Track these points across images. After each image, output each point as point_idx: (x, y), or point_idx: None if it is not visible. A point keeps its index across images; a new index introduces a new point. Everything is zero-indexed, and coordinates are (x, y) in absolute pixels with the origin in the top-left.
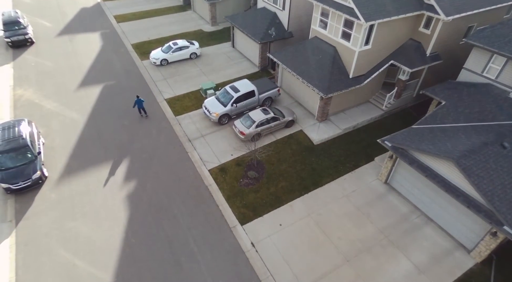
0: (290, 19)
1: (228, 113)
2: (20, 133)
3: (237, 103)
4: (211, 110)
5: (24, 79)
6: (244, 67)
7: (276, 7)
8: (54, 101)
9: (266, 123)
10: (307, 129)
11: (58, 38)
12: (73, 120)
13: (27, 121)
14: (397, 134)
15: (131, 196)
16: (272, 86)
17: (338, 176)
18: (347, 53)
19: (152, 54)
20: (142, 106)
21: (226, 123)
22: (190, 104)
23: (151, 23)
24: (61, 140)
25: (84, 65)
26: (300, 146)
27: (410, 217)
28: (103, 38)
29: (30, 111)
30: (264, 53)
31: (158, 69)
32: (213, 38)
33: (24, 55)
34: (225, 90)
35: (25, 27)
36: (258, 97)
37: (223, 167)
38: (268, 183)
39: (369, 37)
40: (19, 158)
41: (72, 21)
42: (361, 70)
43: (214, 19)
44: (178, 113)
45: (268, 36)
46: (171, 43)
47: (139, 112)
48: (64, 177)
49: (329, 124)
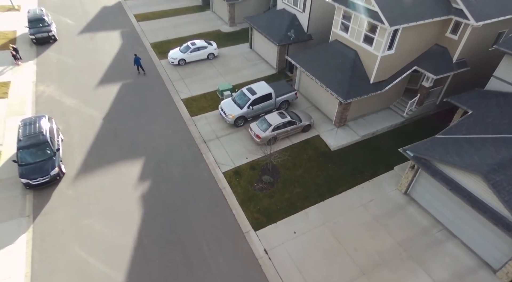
0: (310, 21)
1: (244, 116)
2: (41, 129)
3: (253, 105)
4: (227, 112)
5: (46, 76)
6: (262, 69)
7: (296, 8)
8: (74, 98)
9: (283, 127)
10: (324, 134)
11: (79, 35)
12: (91, 117)
13: (47, 118)
14: (419, 143)
15: (146, 196)
16: (290, 89)
17: (355, 184)
18: (369, 58)
19: (170, 54)
20: (139, 63)
21: (242, 125)
22: (206, 105)
23: (170, 23)
24: (79, 137)
25: (103, 63)
26: (317, 151)
27: (431, 231)
28: (123, 36)
29: (51, 107)
30: (282, 55)
31: (176, 69)
32: (231, 38)
33: (47, 52)
34: (242, 92)
35: (49, 25)
36: (275, 100)
37: (238, 170)
38: (283, 188)
39: (393, 42)
40: (38, 154)
41: (94, 19)
42: (383, 75)
43: (232, 19)
44: (194, 113)
45: (287, 38)
46: (189, 43)
47: (137, 70)
48: (81, 174)
49: (347, 130)
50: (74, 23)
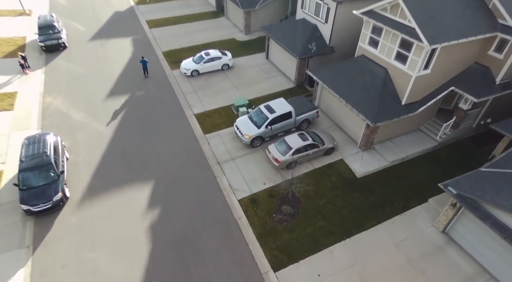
0: (333, 33)
1: (261, 136)
2: (45, 149)
3: (271, 125)
4: (244, 131)
5: (54, 86)
6: (279, 82)
7: (317, 19)
8: (82, 111)
9: (304, 150)
10: (348, 159)
11: (90, 42)
12: (99, 133)
13: (52, 136)
14: (462, 178)
15: (154, 226)
16: (311, 107)
17: (385, 219)
18: (401, 77)
19: (183, 64)
20: (145, 66)
21: (258, 145)
22: (220, 121)
23: (183, 30)
24: (85, 156)
25: (114, 73)
26: (341, 178)
27: (477, 280)
28: (134, 44)
29: (58, 122)
30: (301, 69)
31: (188, 80)
32: (246, 48)
33: (56, 60)
34: (259, 109)
35: (59, 32)
36: (294, 119)
37: (255, 198)
38: (305, 221)
39: (430, 61)
40: (41, 177)
41: (105, 25)
42: (416, 96)
43: (248, 27)
44: (207, 130)
45: (308, 51)
46: (203, 53)
47: (144, 73)
48: (86, 199)
49: (374, 154)
50: (85, 29)
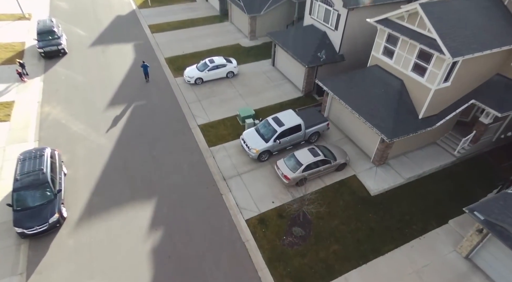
0: (343, 40)
1: (269, 150)
2: (41, 166)
3: (280, 138)
4: (251, 145)
5: (53, 95)
6: (286, 91)
7: (327, 26)
8: (82, 123)
9: (315, 166)
10: (361, 175)
11: (91, 48)
12: (99, 146)
13: (49, 151)
14: (489, 201)
15: (157, 250)
16: (321, 120)
17: (403, 242)
18: (419, 90)
19: (186, 72)
20: (146, 71)
21: (266, 159)
22: (225, 132)
23: (186, 35)
24: (84, 171)
25: (115, 80)
26: (354, 196)
27: None
28: (136, 50)
29: (56, 133)
30: (310, 78)
31: (192, 89)
32: (251, 54)
33: (55, 67)
34: (267, 122)
35: (59, 37)
36: (304, 132)
37: (263, 218)
38: (317, 244)
39: (450, 73)
40: (37, 197)
41: (107, 29)
42: (434, 109)
43: (253, 33)
44: (212, 143)
45: (317, 59)
46: (207, 60)
47: (145, 78)
48: (84, 219)
49: (388, 170)
50: (86, 34)
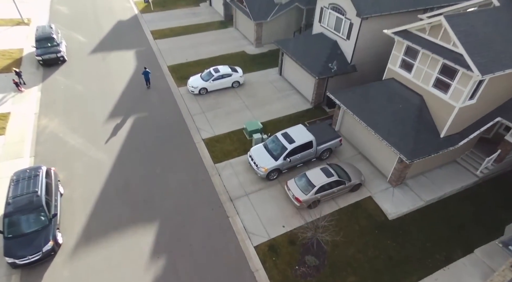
0: (355, 51)
1: (279, 168)
2: (35, 189)
3: (290, 156)
4: (259, 163)
5: (51, 106)
6: (294, 102)
7: (338, 35)
8: (80, 136)
9: (328, 187)
10: (378, 196)
11: (91, 56)
12: (98, 162)
13: (45, 170)
14: None
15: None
16: (333, 135)
17: (426, 274)
18: (441, 107)
19: (190, 81)
20: (148, 77)
21: (275, 178)
22: (231, 148)
23: (190, 41)
24: (82, 190)
25: (115, 90)
26: (371, 220)
27: None
28: (138, 57)
29: (53, 148)
30: (320, 89)
31: (196, 99)
32: (257, 62)
33: (54, 76)
34: (276, 138)
35: (58, 44)
36: (315, 149)
37: (273, 245)
38: (332, 275)
39: (477, 91)
40: (30, 223)
41: (108, 35)
42: (457, 127)
43: (259, 40)
44: (217, 159)
45: (328, 70)
46: (211, 70)
47: (146, 84)
48: (81, 245)
49: (406, 191)
50: (86, 41)
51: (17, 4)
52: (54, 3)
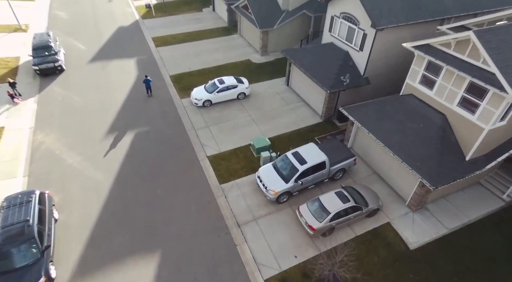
0: (369, 62)
1: (289, 191)
2: (27, 217)
3: (301, 178)
4: (269, 186)
5: (48, 119)
6: (303, 115)
7: (350, 45)
8: (78, 154)
9: (344, 214)
10: (397, 223)
11: (90, 64)
12: (96, 183)
13: (38, 195)
14: None
15: None
16: (347, 154)
17: None
18: (467, 128)
19: (193, 93)
20: (149, 85)
21: (285, 201)
22: (238, 166)
23: (193, 49)
24: (78, 215)
25: (115, 102)
26: (391, 250)
27: None
28: (139, 66)
29: (48, 167)
30: (331, 103)
31: (200, 112)
32: (263, 71)
33: (51, 86)
34: (287, 158)
35: (56, 53)
36: (328, 170)
37: (285, 278)
38: None
39: (508, 112)
40: (20, 256)
41: (108, 43)
42: (484, 150)
43: (265, 48)
44: (223, 179)
45: (340, 83)
46: (216, 81)
47: (146, 92)
48: (77, 280)
49: (428, 217)
50: (86, 48)
51: (15, 9)
52: (53, 8)
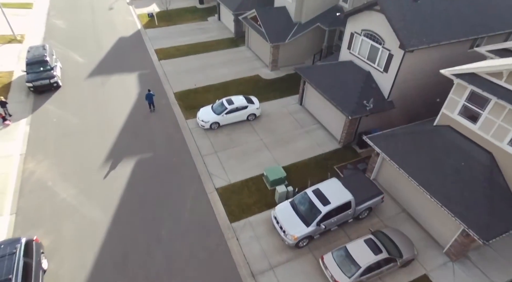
0: (394, 85)
1: (310, 235)
2: (9, 276)
3: (324, 221)
4: (288, 229)
5: (40, 144)
6: (319, 140)
7: (372, 65)
8: (73, 186)
9: (376, 267)
10: (435, 275)
11: (89, 80)
12: (92, 222)
13: (24, 244)
14: None
15: None
16: (374, 192)
17: None
18: None
19: (200, 114)
20: (152, 100)
21: (305, 245)
22: (250, 200)
23: (198, 63)
24: (71, 264)
25: (115, 123)
26: None
27: None
28: (141, 81)
29: (39, 202)
30: (351, 128)
31: (207, 135)
32: (273, 88)
33: (46, 105)
34: (307, 196)
35: (52, 68)
36: (354, 210)
37: None
38: None
39: None
40: None
41: (108, 55)
42: None
43: (275, 62)
44: (234, 216)
45: (362, 108)
46: (224, 101)
47: (149, 107)
48: None
49: (470, 267)
50: (84, 61)
51: (12, 17)
52: (51, 16)
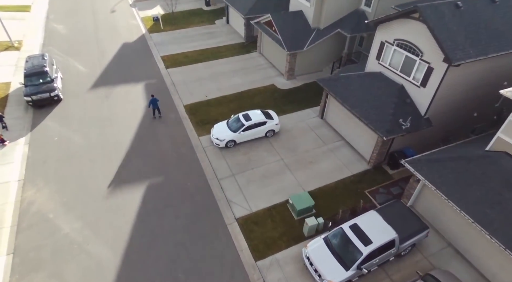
0: (433, 102)
1: (350, 279)
2: None
3: (366, 262)
4: (324, 274)
5: (40, 168)
6: (346, 160)
7: (406, 78)
8: (77, 218)
9: None
10: None
11: (92, 92)
12: (99, 264)
13: None
14: None
15: None
16: (419, 226)
17: None
18: None
19: (214, 132)
20: (156, 106)
21: None
22: (275, 233)
23: (208, 71)
24: None
25: (122, 143)
26: None
27: None
28: (148, 93)
29: (39, 240)
30: (383, 148)
31: (223, 155)
32: (291, 99)
33: (46, 121)
34: (344, 233)
35: (52, 80)
36: (397, 248)
37: None
38: None
39: None
40: None
41: (111, 63)
42: None
43: (291, 71)
44: (259, 253)
45: (397, 126)
46: (240, 116)
47: (153, 113)
48: None
49: None
50: (87, 71)
51: (9, 21)
52: (50, 20)
